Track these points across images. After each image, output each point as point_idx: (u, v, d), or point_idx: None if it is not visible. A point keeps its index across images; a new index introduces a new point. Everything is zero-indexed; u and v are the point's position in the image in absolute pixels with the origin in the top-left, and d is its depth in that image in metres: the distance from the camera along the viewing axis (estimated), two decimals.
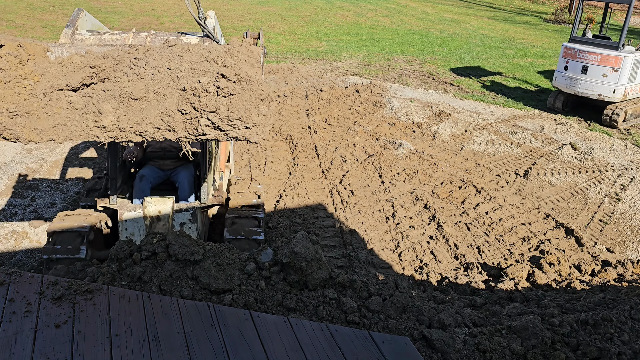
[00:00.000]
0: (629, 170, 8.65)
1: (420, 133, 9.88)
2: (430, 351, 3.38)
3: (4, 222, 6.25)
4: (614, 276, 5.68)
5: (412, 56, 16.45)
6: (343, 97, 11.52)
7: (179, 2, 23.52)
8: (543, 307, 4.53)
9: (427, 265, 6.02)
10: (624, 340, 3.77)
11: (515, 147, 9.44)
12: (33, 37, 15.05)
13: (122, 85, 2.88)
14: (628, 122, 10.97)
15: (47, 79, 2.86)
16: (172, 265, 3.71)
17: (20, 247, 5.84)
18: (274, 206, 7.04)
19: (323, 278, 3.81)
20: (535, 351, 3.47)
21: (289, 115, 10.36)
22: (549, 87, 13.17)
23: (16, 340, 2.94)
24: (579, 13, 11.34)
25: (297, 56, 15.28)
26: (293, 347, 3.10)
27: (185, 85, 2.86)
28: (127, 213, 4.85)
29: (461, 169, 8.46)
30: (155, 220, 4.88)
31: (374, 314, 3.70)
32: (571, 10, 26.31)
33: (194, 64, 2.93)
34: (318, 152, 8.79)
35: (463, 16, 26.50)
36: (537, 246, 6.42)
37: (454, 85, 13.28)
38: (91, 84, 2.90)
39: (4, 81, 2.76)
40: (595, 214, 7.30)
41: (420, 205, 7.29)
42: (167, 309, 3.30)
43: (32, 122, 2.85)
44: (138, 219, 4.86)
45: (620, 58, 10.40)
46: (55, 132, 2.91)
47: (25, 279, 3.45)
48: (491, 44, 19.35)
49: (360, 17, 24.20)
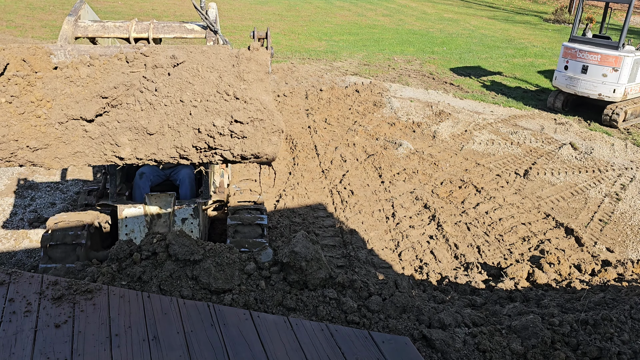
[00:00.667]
0: (629, 170, 8.65)
1: (420, 133, 9.89)
2: (430, 351, 3.38)
3: (3, 222, 6.25)
4: (614, 276, 5.68)
5: (412, 56, 16.45)
6: (343, 96, 11.53)
7: (178, 2, 23.53)
8: (543, 307, 4.53)
9: (427, 265, 6.02)
10: (624, 340, 3.77)
11: (515, 146, 9.44)
12: (33, 37, 15.06)
13: (136, 115, 2.92)
14: (628, 122, 10.97)
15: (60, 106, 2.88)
16: (172, 265, 3.71)
17: (20, 247, 5.84)
18: (274, 206, 7.04)
19: (323, 278, 3.82)
20: (535, 351, 3.47)
21: (289, 115, 10.36)
22: (549, 86, 13.17)
23: (16, 340, 2.94)
24: (579, 13, 11.34)
25: (297, 56, 15.28)
26: (293, 347, 3.10)
27: (200, 127, 2.93)
28: (126, 210, 4.78)
29: (461, 169, 8.46)
30: (156, 217, 4.84)
31: (374, 314, 3.70)
32: (571, 10, 26.32)
33: (206, 97, 2.96)
34: (318, 152, 8.79)
35: (463, 16, 26.50)
36: (537, 246, 6.42)
37: (454, 85, 13.28)
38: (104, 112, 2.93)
39: (17, 112, 2.77)
40: (595, 214, 7.30)
41: (420, 205, 7.29)
42: (167, 309, 3.30)
43: (52, 152, 2.91)
44: (138, 216, 4.80)
45: (620, 58, 10.40)
46: (75, 159, 2.97)
47: (25, 279, 3.45)
48: (491, 43, 19.34)
49: (360, 17, 24.20)
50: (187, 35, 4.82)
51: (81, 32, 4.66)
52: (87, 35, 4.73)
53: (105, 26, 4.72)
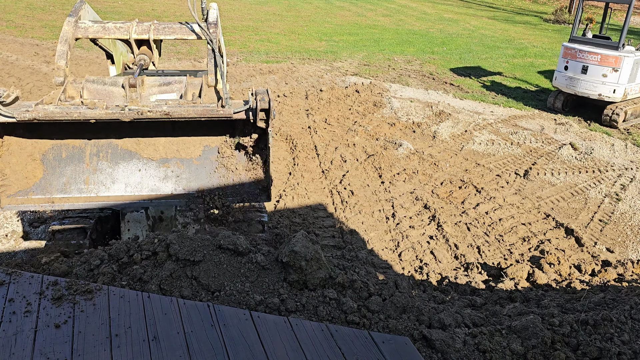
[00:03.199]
0: (629, 170, 8.65)
1: (420, 133, 9.88)
2: (430, 351, 3.38)
3: (3, 222, 6.25)
4: (614, 276, 5.68)
5: (412, 56, 16.45)
6: (343, 97, 11.52)
7: (178, 2, 23.53)
8: (543, 307, 4.52)
9: (427, 265, 6.02)
10: (624, 340, 3.77)
11: (515, 147, 9.44)
12: (33, 37, 15.07)
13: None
14: (628, 122, 10.97)
15: None
16: (172, 265, 3.71)
17: (20, 247, 5.84)
18: (274, 206, 7.04)
19: (323, 278, 3.81)
20: (535, 351, 3.47)
21: (289, 115, 10.36)
22: (549, 87, 13.17)
23: (16, 340, 2.94)
24: (579, 13, 11.34)
25: (297, 56, 15.28)
26: (293, 347, 3.10)
27: None
28: (129, 214, 4.87)
29: (461, 169, 8.45)
30: (158, 222, 4.90)
31: (374, 314, 3.69)
32: (571, 10, 26.31)
33: None
34: (318, 152, 8.79)
35: (463, 16, 26.50)
36: (537, 246, 6.42)
37: (454, 85, 13.28)
38: None
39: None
40: (595, 214, 7.30)
41: (420, 205, 7.29)
42: (167, 309, 3.30)
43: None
44: (141, 220, 4.88)
45: (620, 58, 10.40)
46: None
47: (25, 279, 3.45)
48: (491, 44, 19.34)
49: (360, 17, 24.20)
50: (188, 37, 4.85)
51: (82, 33, 4.67)
52: (88, 36, 4.74)
53: (106, 27, 4.73)
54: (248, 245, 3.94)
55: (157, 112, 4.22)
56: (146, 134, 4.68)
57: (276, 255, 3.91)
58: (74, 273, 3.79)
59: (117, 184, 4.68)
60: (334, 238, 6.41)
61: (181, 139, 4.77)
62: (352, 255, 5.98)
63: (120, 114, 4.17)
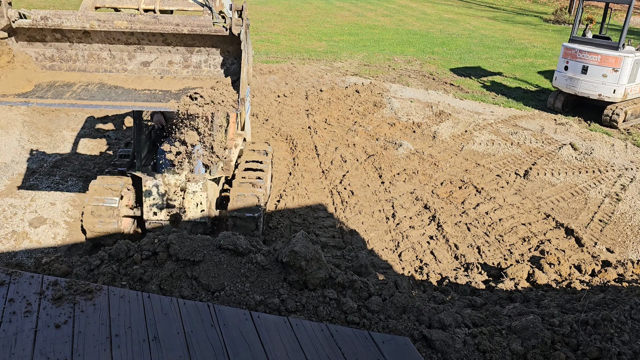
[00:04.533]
0: (629, 171, 8.65)
1: (420, 133, 9.89)
2: (430, 351, 3.38)
3: (3, 222, 6.25)
4: (614, 276, 5.68)
5: (412, 56, 16.45)
6: (343, 97, 11.53)
7: None
8: (543, 307, 4.52)
9: (427, 265, 6.02)
10: (624, 340, 3.77)
11: (515, 147, 9.44)
12: None
13: None
14: (628, 122, 10.97)
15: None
16: (172, 265, 3.71)
17: (20, 247, 5.84)
18: (274, 206, 7.04)
19: (323, 278, 3.81)
20: (535, 351, 3.47)
21: (289, 115, 10.37)
22: (549, 87, 13.17)
23: (16, 340, 2.94)
24: (579, 13, 11.34)
25: (297, 56, 15.29)
26: (293, 347, 3.10)
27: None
28: (149, 182, 5.74)
29: (461, 169, 8.46)
30: (171, 189, 5.76)
31: (374, 314, 3.70)
32: (571, 10, 26.31)
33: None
34: (318, 152, 8.80)
35: (463, 16, 26.51)
36: (537, 246, 6.42)
37: (454, 86, 13.28)
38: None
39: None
40: (595, 214, 7.30)
41: (420, 205, 7.29)
42: (167, 309, 3.30)
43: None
44: (159, 187, 5.77)
45: (620, 58, 10.40)
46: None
47: (25, 279, 3.45)
48: (491, 44, 19.35)
49: (360, 17, 24.21)
50: (188, 8, 5.09)
51: (100, 2, 5.04)
52: (105, 5, 5.08)
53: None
54: (248, 245, 3.94)
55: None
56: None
57: (276, 256, 3.91)
58: (74, 273, 3.79)
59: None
60: (334, 238, 6.41)
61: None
62: (352, 255, 5.98)
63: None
